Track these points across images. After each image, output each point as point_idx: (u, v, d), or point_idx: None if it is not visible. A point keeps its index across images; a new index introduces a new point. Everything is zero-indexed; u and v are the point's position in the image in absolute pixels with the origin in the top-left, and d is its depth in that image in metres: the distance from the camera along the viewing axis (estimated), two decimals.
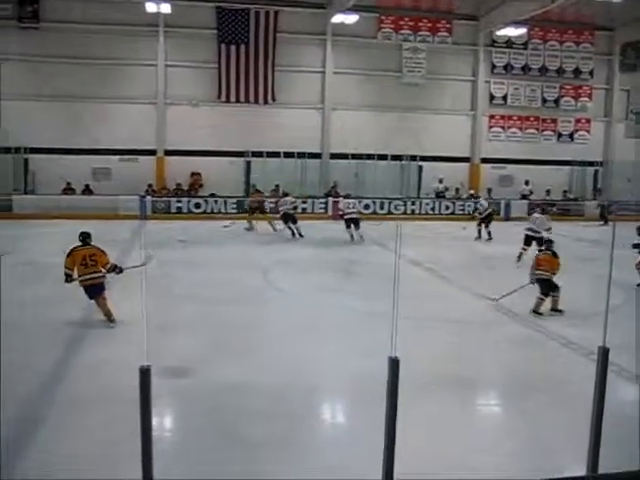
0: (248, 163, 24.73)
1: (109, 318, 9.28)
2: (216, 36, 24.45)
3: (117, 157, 23.93)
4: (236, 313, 10.00)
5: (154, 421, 3.16)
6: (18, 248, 16.61)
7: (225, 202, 23.11)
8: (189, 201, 23.33)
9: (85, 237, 9.46)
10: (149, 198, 23.03)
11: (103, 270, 9.35)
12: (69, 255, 9.39)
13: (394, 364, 3.34)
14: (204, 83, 24.60)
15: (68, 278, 9.30)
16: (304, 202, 23.58)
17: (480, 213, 19.78)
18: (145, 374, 2.05)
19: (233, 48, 24.44)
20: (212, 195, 23.67)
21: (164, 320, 8.76)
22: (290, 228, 19.27)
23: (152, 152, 24.32)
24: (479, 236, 19.38)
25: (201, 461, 5.17)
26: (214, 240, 18.52)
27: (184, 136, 24.03)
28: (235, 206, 23.20)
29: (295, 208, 20.20)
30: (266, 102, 24.78)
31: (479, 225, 19.50)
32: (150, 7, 22.34)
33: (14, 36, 23.38)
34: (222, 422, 5.92)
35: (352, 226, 18.45)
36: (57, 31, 23.31)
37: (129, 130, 23.69)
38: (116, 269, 9.46)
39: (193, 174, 24.50)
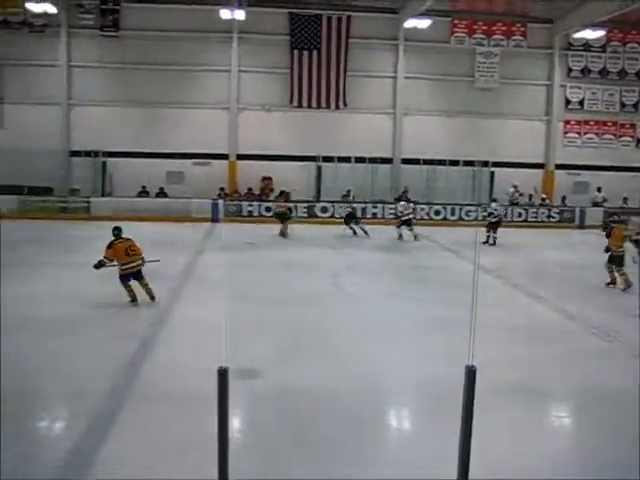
0: (319, 168, 25.00)
1: (152, 297, 10.74)
2: (289, 42, 24.87)
3: (191, 161, 24.61)
4: (305, 316, 10.11)
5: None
6: (93, 249, 17.31)
7: (295, 207, 23.38)
8: (260, 205, 23.65)
9: (119, 231, 10.86)
10: (221, 201, 23.52)
11: None
12: (110, 247, 10.67)
13: (471, 373, 3.34)
14: (276, 88, 25.04)
15: (100, 266, 10.59)
16: (374, 207, 23.66)
17: (495, 217, 19.52)
18: (223, 375, 2.15)
19: (305, 54, 24.79)
20: (281, 193, 23.94)
21: (234, 322, 8.97)
22: (352, 228, 20.26)
23: (224, 156, 24.93)
24: (487, 241, 19.14)
25: (269, 462, 5.29)
26: (283, 243, 18.79)
27: (256, 141, 24.54)
28: (305, 210, 23.40)
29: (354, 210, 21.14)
30: (337, 107, 25.04)
31: (488, 230, 19.25)
32: (224, 14, 22.90)
33: (95, 44, 24.44)
34: (291, 424, 6.07)
35: (403, 226, 19.69)
36: (135, 39, 24.28)
37: (202, 135, 24.35)
38: (143, 260, 10.81)
39: (264, 178, 24.95)
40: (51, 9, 22.73)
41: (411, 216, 19.88)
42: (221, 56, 24.61)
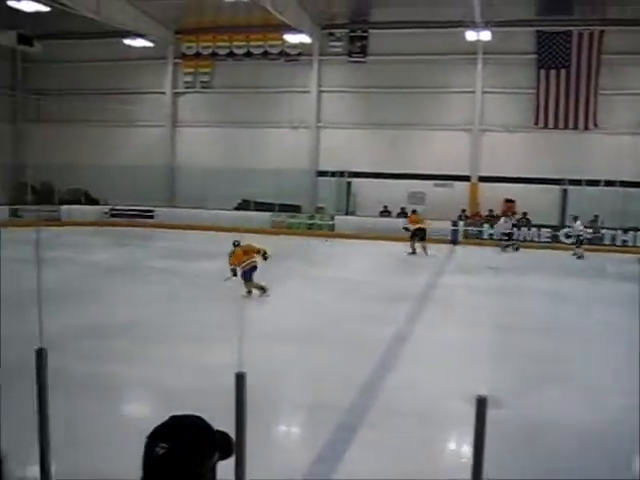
0: (564, 191, 24.33)
1: (263, 290, 12.94)
2: (535, 61, 24.64)
3: (432, 182, 25.10)
4: (548, 345, 9.91)
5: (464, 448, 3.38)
6: (335, 264, 18.43)
7: (539, 232, 22.96)
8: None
9: (238, 243, 13.18)
10: (461, 223, 23.76)
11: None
12: (231, 256, 13.00)
13: None
14: (520, 109, 25.10)
15: (234, 273, 12.85)
16: (625, 234, 22.47)
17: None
18: (482, 403, 2.23)
19: (553, 72, 24.50)
20: (524, 215, 23.63)
21: (474, 347, 9.12)
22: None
23: (466, 178, 25.15)
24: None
25: None
26: (525, 268, 18.57)
27: (498, 162, 24.66)
28: (549, 236, 22.84)
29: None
30: (587, 128, 24.39)
31: None
32: (470, 35, 23.16)
33: (343, 70, 26.49)
34: (531, 457, 5.96)
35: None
36: (381, 63, 25.83)
37: (444, 156, 25.07)
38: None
39: (507, 201, 24.88)
40: (306, 39, 24.65)
41: (585, 235, 21.05)
42: (465, 77, 25.12)
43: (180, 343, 9.60)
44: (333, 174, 26.17)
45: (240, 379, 2.26)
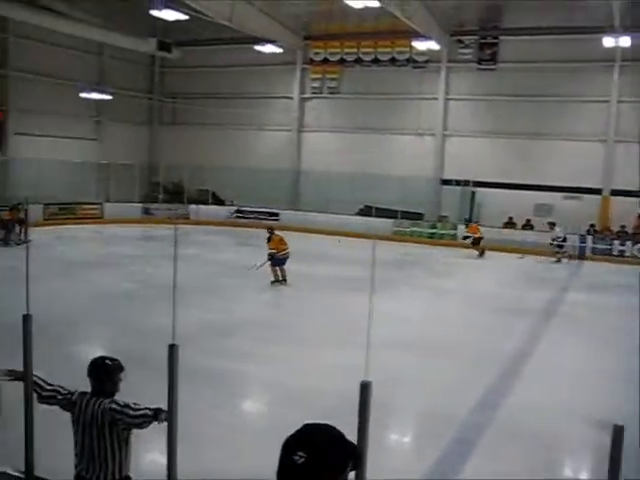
0: None
1: (285, 280, 14.79)
2: None
3: (560, 194, 24.71)
4: None
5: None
6: (457, 274, 18.51)
7: None
8: (633, 244, 22.89)
9: (273, 230, 15.15)
10: (590, 238, 23.25)
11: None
12: (269, 241, 14.86)
13: None
14: None
15: (271, 256, 14.54)
16: None
17: None
18: (618, 433, 2.23)
19: None
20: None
21: (598, 369, 8.98)
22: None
23: (597, 191, 24.54)
24: None
25: None
26: None
27: (633, 176, 23.69)
28: None
29: None
30: None
31: None
32: (607, 42, 22.52)
33: (471, 78, 26.78)
34: None
35: None
36: (510, 71, 25.77)
37: (575, 167, 24.73)
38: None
39: None
40: (434, 46, 24.99)
41: None
42: (599, 86, 24.72)
43: (300, 344, 10.10)
44: (458, 183, 26.32)
45: (365, 389, 2.22)
